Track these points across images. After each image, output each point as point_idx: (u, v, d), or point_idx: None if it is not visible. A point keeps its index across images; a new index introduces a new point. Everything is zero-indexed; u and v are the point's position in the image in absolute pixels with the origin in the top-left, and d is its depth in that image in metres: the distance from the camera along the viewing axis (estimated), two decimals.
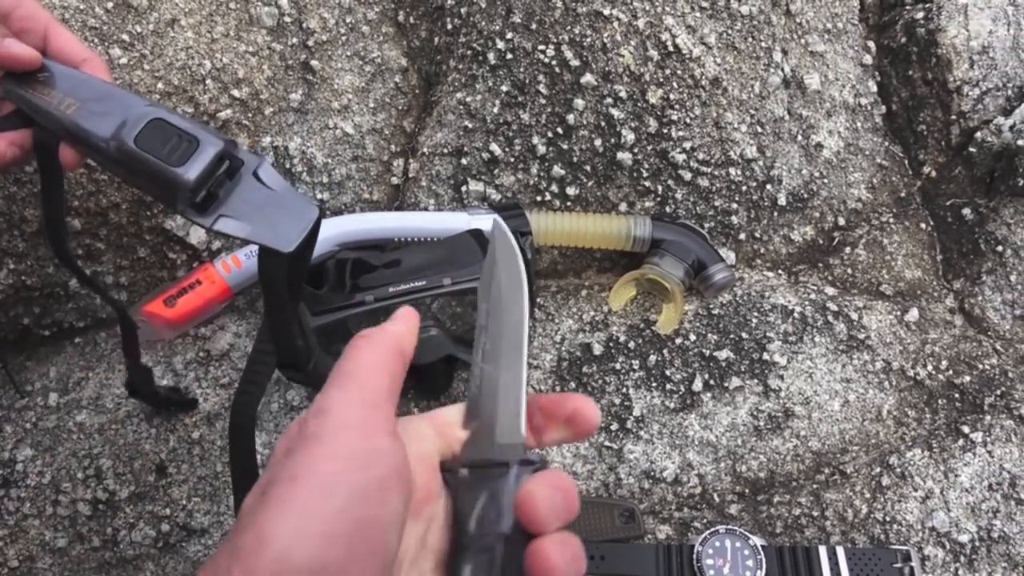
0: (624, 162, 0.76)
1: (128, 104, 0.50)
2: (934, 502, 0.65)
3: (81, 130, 0.49)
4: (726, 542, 0.64)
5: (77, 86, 0.52)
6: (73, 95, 0.51)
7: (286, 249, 0.47)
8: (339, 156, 0.76)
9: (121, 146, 0.47)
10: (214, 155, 0.47)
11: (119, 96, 0.51)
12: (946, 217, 0.83)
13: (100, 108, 0.50)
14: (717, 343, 0.73)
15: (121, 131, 0.48)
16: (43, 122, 0.51)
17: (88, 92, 0.51)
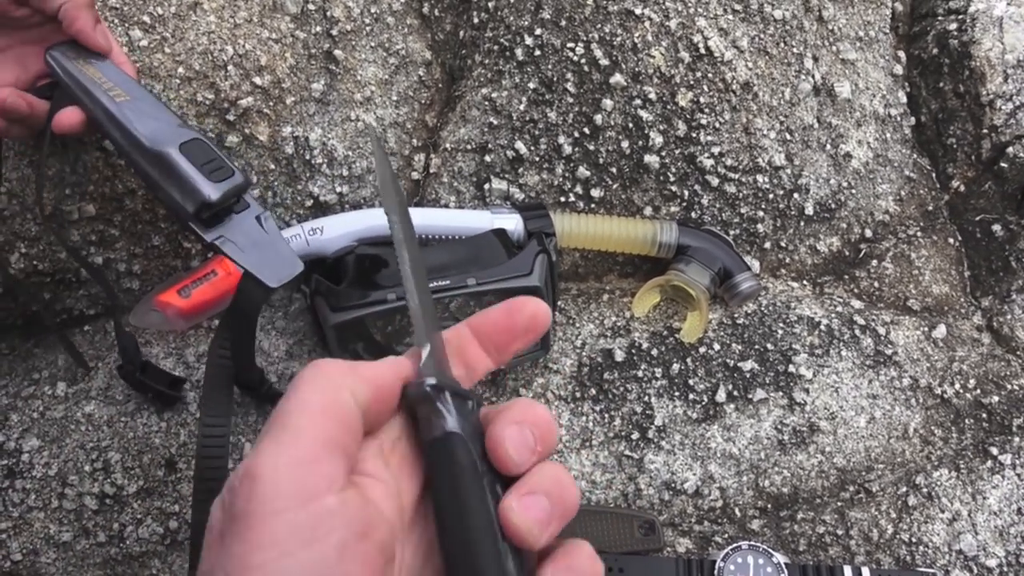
0: (651, 165, 0.74)
1: (170, 116, 0.56)
2: (961, 524, 0.64)
3: (128, 121, 0.54)
4: (748, 558, 0.62)
5: (127, 83, 0.57)
6: (124, 87, 0.56)
7: (272, 284, 0.52)
8: (360, 149, 0.74)
9: (163, 147, 0.52)
10: (239, 184, 0.53)
11: (160, 105, 0.57)
12: (975, 233, 0.82)
13: (149, 109, 0.55)
14: (742, 353, 0.72)
15: (167, 134, 0.53)
16: (85, 101, 0.55)
17: (138, 92, 0.56)
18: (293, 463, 0.26)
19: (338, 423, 0.27)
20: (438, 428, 0.29)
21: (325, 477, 0.26)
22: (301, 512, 0.25)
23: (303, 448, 0.26)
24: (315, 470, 0.26)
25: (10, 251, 0.65)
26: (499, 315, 0.34)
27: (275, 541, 0.24)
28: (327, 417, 0.27)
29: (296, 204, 0.72)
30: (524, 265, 0.65)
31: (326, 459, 0.26)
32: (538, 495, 0.28)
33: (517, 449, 0.29)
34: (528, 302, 0.33)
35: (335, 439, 0.27)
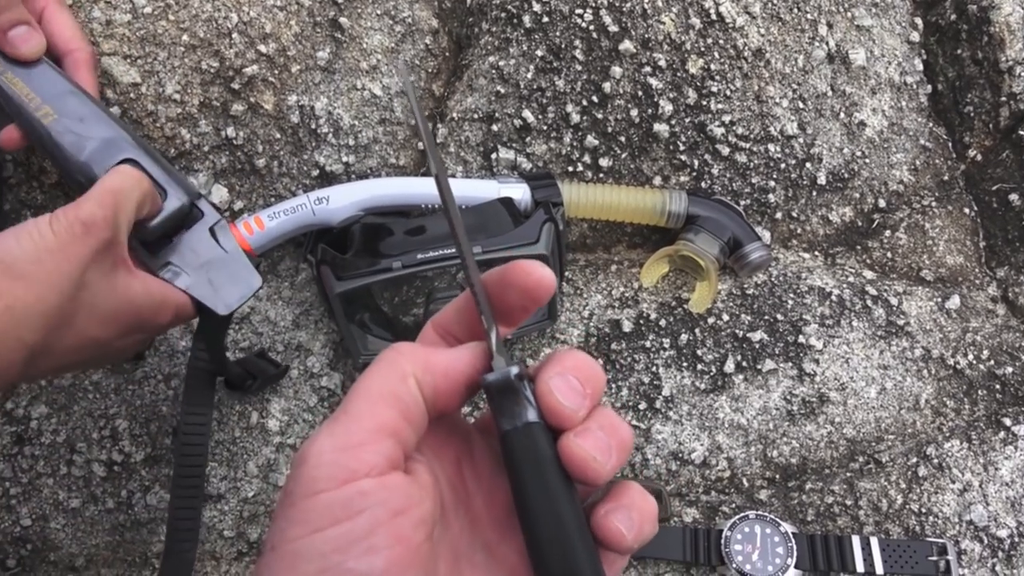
0: (660, 134, 0.73)
1: (107, 131, 0.51)
2: (972, 495, 0.63)
3: (54, 145, 0.50)
4: (756, 528, 0.62)
5: (59, 96, 0.52)
6: (52, 104, 0.51)
7: (221, 312, 0.51)
8: (366, 118, 0.74)
9: (87, 174, 0.49)
10: (176, 209, 0.50)
11: (99, 119, 0.52)
12: (991, 203, 0.80)
13: (78, 128, 0.51)
14: (751, 324, 0.71)
15: (94, 159, 0.50)
16: (14, 116, 0.51)
17: (69, 107, 0.51)
18: (339, 447, 0.27)
19: (396, 410, 0.28)
20: (520, 418, 0.29)
21: (366, 462, 0.27)
22: (337, 493, 0.27)
23: (353, 433, 0.28)
24: (357, 455, 0.27)
25: None
26: (496, 278, 0.33)
27: (308, 519, 0.26)
28: (385, 404, 0.28)
29: (302, 174, 0.72)
30: (531, 233, 0.64)
31: (374, 444, 0.28)
32: (592, 430, 0.29)
33: (567, 396, 0.29)
34: (527, 264, 0.32)
35: (389, 425, 0.28)
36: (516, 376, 0.29)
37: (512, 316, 0.33)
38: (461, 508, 0.32)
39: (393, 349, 0.30)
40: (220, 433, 0.64)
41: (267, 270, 0.73)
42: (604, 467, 0.28)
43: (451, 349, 0.31)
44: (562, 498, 0.28)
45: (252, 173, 0.70)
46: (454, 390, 0.30)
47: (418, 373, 0.29)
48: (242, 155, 0.69)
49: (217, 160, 0.69)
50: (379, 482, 0.27)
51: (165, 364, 0.66)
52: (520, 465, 0.29)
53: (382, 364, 0.30)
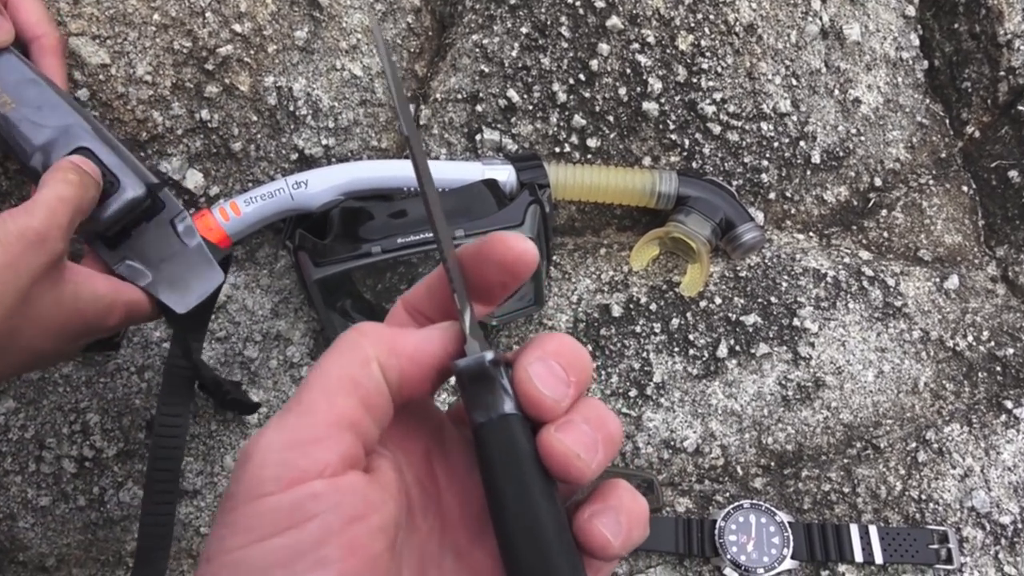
0: (650, 113, 0.71)
1: (64, 119, 0.49)
2: (974, 480, 0.61)
3: (9, 134, 0.48)
4: (751, 517, 0.60)
5: (19, 85, 0.50)
6: (12, 92, 0.50)
7: (180, 310, 0.49)
8: (346, 100, 0.71)
9: (40, 165, 0.47)
10: (130, 200, 0.48)
11: (57, 107, 0.50)
12: (990, 180, 0.78)
13: (36, 117, 0.49)
14: (744, 307, 0.69)
15: (49, 148, 0.48)
16: None
17: (28, 96, 0.50)
18: (289, 444, 0.24)
19: (355, 399, 0.25)
20: (494, 409, 0.26)
21: (319, 460, 0.24)
22: (283, 496, 0.23)
23: (307, 427, 0.25)
24: (309, 452, 0.24)
25: None
26: (473, 252, 0.29)
27: (250, 526, 0.23)
28: (344, 392, 0.25)
29: (280, 158, 0.70)
30: (515, 216, 0.62)
31: (329, 439, 0.25)
32: (576, 422, 0.26)
33: (548, 384, 0.26)
34: (507, 236, 0.28)
35: (347, 417, 0.25)
36: (491, 362, 0.27)
37: (490, 294, 0.29)
38: (430, 508, 0.29)
39: (354, 330, 0.27)
40: (196, 427, 0.62)
41: (245, 257, 0.71)
42: (588, 465, 0.26)
43: (420, 330, 0.28)
44: (540, 499, 0.26)
45: (228, 157, 0.68)
46: (423, 375, 0.27)
47: (382, 356, 0.26)
48: (217, 138, 0.67)
49: (191, 144, 0.66)
50: (333, 483, 0.24)
51: (138, 356, 0.63)
52: (494, 462, 0.26)
53: (341, 347, 0.26)
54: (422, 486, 0.29)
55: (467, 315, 0.28)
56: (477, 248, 0.28)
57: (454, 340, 0.28)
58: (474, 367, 0.27)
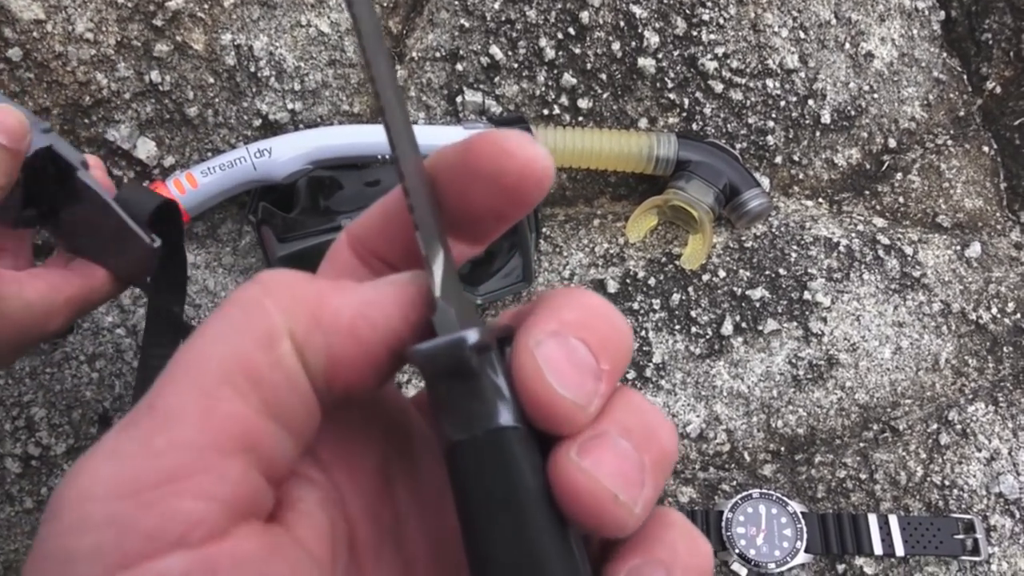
0: (646, 70, 0.65)
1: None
2: (1001, 464, 0.57)
3: None
4: (760, 508, 0.55)
5: None
6: None
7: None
8: (313, 60, 0.65)
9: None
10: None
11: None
12: (1013, 139, 0.72)
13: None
14: (750, 280, 0.64)
15: None
16: None
17: None
18: (126, 488, 0.15)
19: (253, 402, 0.16)
20: (480, 420, 0.17)
21: (180, 516, 0.15)
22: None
23: (161, 455, 0.15)
24: (163, 502, 0.15)
25: None
26: (452, 160, 0.19)
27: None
28: (232, 391, 0.16)
29: (242, 124, 0.64)
30: None
31: (201, 475, 0.15)
32: (610, 439, 0.17)
33: (566, 378, 0.17)
34: (504, 135, 0.18)
35: (238, 433, 0.16)
36: (474, 347, 0.17)
37: (478, 228, 0.19)
38: (385, 547, 0.20)
39: (256, 283, 0.17)
40: None
41: (206, 234, 0.65)
42: (631, 510, 0.16)
43: (363, 285, 0.18)
44: (551, 557, 0.17)
45: (183, 124, 0.62)
46: (367, 360, 0.17)
47: (299, 329, 0.17)
48: (170, 103, 0.61)
49: (141, 109, 0.60)
50: (203, 559, 0.15)
51: (88, 343, 0.58)
52: (477, 502, 0.17)
53: (232, 312, 0.17)
54: (373, 517, 0.20)
55: (438, 264, 0.18)
56: (459, 154, 0.18)
57: (418, 302, 0.18)
58: (446, 355, 0.17)
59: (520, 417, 0.17)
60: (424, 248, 0.18)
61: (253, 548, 0.15)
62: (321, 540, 0.18)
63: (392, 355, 0.18)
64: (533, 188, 0.18)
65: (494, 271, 0.62)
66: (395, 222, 0.20)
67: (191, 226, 0.63)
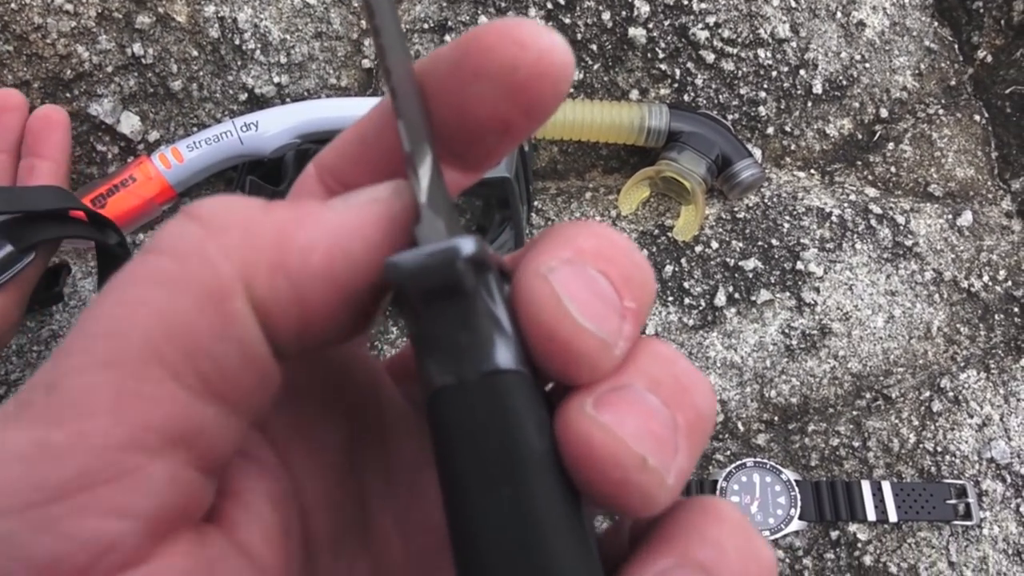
0: (636, 40, 0.64)
1: None
2: (992, 430, 0.57)
3: None
4: (754, 477, 0.55)
5: None
6: None
7: None
8: (299, 32, 0.64)
9: None
10: None
11: None
12: (1004, 108, 0.72)
13: None
14: (743, 251, 0.63)
15: None
16: None
17: None
18: (14, 502, 0.11)
19: (190, 383, 0.13)
20: (473, 358, 0.14)
21: (86, 542, 0.11)
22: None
23: (64, 457, 0.11)
24: (68, 519, 0.11)
25: None
26: (450, 55, 0.15)
27: None
28: (162, 370, 0.12)
29: (228, 98, 0.63)
30: None
31: (118, 481, 0.12)
32: (635, 392, 0.14)
33: (589, 309, 0.13)
34: (512, 24, 0.14)
35: (168, 429, 0.12)
36: (468, 258, 0.14)
37: (478, 146, 0.16)
38: (348, 538, 0.17)
39: (192, 219, 0.13)
40: None
41: None
42: (662, 479, 0.13)
43: (335, 204, 0.14)
44: (560, 541, 0.13)
45: (167, 98, 0.61)
46: (350, 302, 0.14)
47: (258, 279, 0.13)
48: (154, 76, 0.60)
49: (124, 83, 0.59)
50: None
51: (76, 319, 0.57)
52: (468, 467, 0.13)
53: (162, 264, 0.13)
54: (333, 507, 0.17)
55: (424, 166, 0.15)
56: (457, 50, 0.15)
57: (400, 218, 0.15)
58: (433, 268, 0.14)
59: (523, 359, 0.14)
60: (408, 144, 0.15)
61: (180, 570, 0.12)
62: (270, 541, 0.14)
63: (378, 290, 0.14)
64: (549, 89, 0.14)
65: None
66: (374, 148, 0.16)
67: (179, 201, 0.62)
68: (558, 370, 0.14)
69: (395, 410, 0.18)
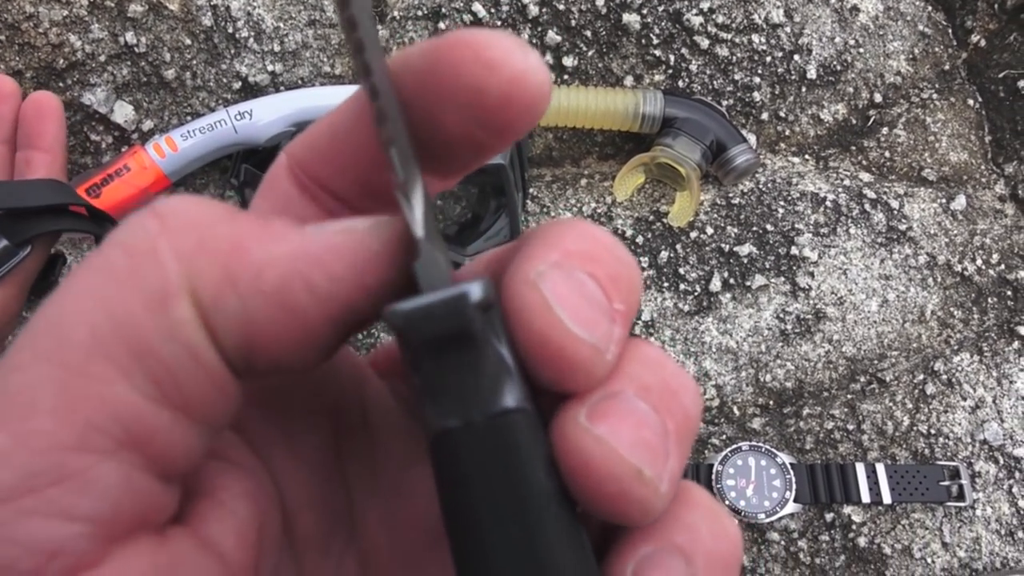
0: (631, 26, 0.64)
1: None
2: (985, 412, 0.57)
3: None
4: (750, 460, 0.56)
5: None
6: None
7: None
8: (293, 20, 0.64)
9: None
10: None
11: None
12: (997, 92, 0.72)
13: None
14: (738, 237, 0.64)
15: None
16: None
17: None
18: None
19: (139, 386, 0.12)
20: (482, 401, 0.14)
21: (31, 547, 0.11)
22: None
23: (9, 458, 0.11)
24: (6, 532, 0.11)
25: None
26: (418, 62, 0.14)
27: None
28: (106, 364, 0.12)
29: (221, 87, 0.62)
30: None
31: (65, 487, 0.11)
32: (627, 400, 0.14)
33: (579, 314, 0.13)
34: (478, 36, 0.14)
35: (117, 429, 0.12)
36: (478, 304, 0.13)
37: (450, 159, 0.15)
38: (336, 536, 0.17)
39: (151, 215, 0.13)
40: None
41: None
42: (656, 488, 0.13)
43: (307, 230, 0.14)
44: (555, 547, 0.13)
45: (161, 87, 0.60)
46: (305, 331, 0.13)
47: (204, 287, 0.13)
48: (147, 65, 0.59)
49: (117, 72, 0.59)
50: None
51: None
52: (476, 506, 0.13)
53: (113, 258, 0.13)
54: (319, 505, 0.17)
55: (417, 194, 0.14)
56: (425, 58, 0.14)
57: (381, 261, 0.14)
58: (442, 317, 0.13)
59: (527, 395, 0.14)
60: (399, 169, 0.14)
61: (137, 573, 0.12)
62: (240, 540, 0.14)
63: (339, 326, 0.14)
64: (521, 114, 0.13)
65: (480, 232, 0.62)
66: (345, 142, 0.15)
67: (174, 191, 0.62)
68: (551, 378, 0.14)
69: (380, 407, 0.18)
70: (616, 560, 0.14)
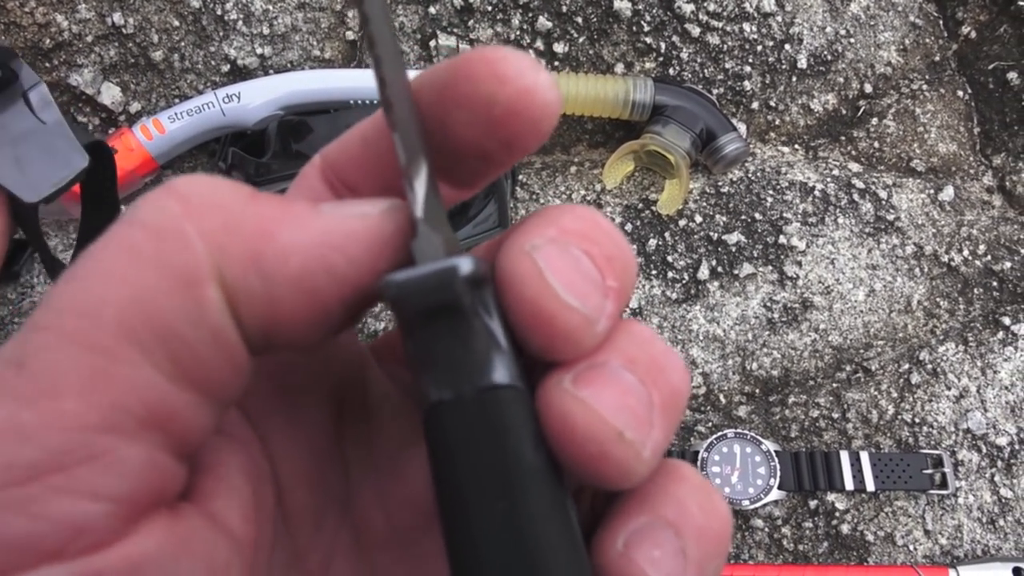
0: (622, 13, 0.64)
1: None
2: (969, 401, 0.58)
3: None
4: (735, 447, 0.56)
5: None
6: None
7: (30, 199, 0.40)
8: (282, 2, 0.63)
9: None
10: None
11: None
12: (987, 84, 0.73)
13: None
14: (726, 225, 0.64)
15: None
16: None
17: None
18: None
19: (162, 365, 0.12)
20: (472, 374, 0.14)
21: (59, 524, 0.11)
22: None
23: (35, 438, 0.11)
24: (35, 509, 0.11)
25: None
26: (434, 79, 0.15)
27: None
28: (134, 350, 0.12)
29: (210, 70, 0.62)
30: None
31: (91, 467, 0.12)
32: (612, 369, 0.14)
33: (573, 285, 0.14)
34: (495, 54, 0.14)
35: (142, 411, 0.12)
36: (467, 278, 0.14)
37: (463, 169, 0.16)
38: (330, 512, 0.17)
39: (173, 195, 0.13)
40: None
41: None
42: (638, 452, 0.14)
43: (324, 210, 0.14)
44: (556, 554, 0.14)
45: (148, 68, 0.60)
46: (323, 313, 0.14)
47: (232, 270, 0.13)
48: (134, 47, 0.59)
49: (104, 53, 0.58)
50: (84, 572, 0.11)
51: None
52: (465, 481, 0.14)
53: (138, 239, 0.13)
54: (314, 482, 0.17)
55: (420, 180, 0.15)
56: (446, 72, 0.15)
57: (395, 243, 0.15)
58: (431, 288, 0.14)
59: (519, 375, 0.14)
60: (403, 158, 0.15)
61: (155, 547, 0.12)
62: (244, 514, 0.14)
63: (351, 306, 0.14)
64: (527, 127, 0.14)
65: (469, 218, 0.62)
66: (374, 149, 0.16)
67: (161, 173, 0.61)
68: (541, 346, 0.14)
69: (379, 390, 0.19)
70: (607, 534, 0.14)
